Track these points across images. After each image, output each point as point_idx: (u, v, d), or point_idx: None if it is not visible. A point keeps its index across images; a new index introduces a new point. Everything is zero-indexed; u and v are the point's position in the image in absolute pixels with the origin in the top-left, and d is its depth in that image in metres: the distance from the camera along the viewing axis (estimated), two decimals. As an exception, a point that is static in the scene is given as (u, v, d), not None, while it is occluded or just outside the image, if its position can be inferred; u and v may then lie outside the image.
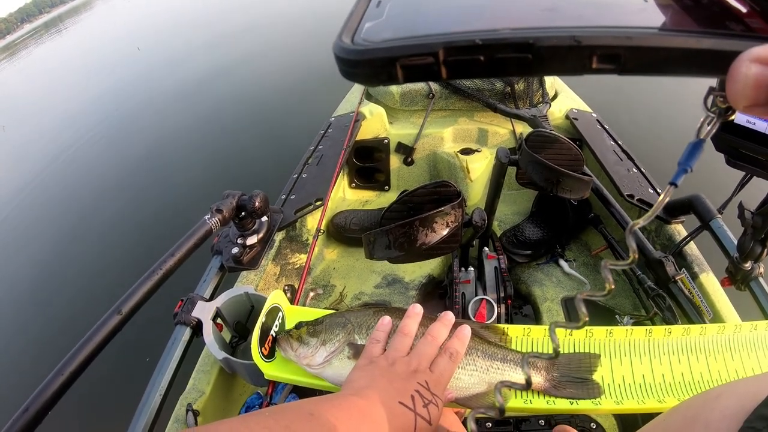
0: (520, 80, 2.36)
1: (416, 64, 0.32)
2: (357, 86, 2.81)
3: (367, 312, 1.03)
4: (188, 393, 1.31)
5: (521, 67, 0.31)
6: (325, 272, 2.08)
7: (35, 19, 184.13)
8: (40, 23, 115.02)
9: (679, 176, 0.36)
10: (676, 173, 0.35)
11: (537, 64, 0.31)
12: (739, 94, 0.28)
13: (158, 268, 1.22)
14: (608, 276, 0.42)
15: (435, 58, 0.31)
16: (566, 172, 1.32)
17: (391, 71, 0.33)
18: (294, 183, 2.01)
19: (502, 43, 0.30)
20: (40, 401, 0.95)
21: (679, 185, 0.36)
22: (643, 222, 0.39)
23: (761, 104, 0.27)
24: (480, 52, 0.31)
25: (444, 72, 0.32)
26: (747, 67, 0.27)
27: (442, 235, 1.16)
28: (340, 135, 2.28)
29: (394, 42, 0.33)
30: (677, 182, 0.36)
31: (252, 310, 1.40)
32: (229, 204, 1.40)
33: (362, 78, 0.35)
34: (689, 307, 1.41)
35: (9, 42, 63.96)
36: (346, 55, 0.33)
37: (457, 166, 2.31)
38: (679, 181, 0.36)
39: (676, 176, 0.36)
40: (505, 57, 0.31)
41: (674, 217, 1.71)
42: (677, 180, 0.36)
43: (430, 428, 0.75)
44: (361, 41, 0.34)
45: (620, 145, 2.08)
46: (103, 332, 1.08)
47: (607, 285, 0.43)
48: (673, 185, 0.36)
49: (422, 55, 0.32)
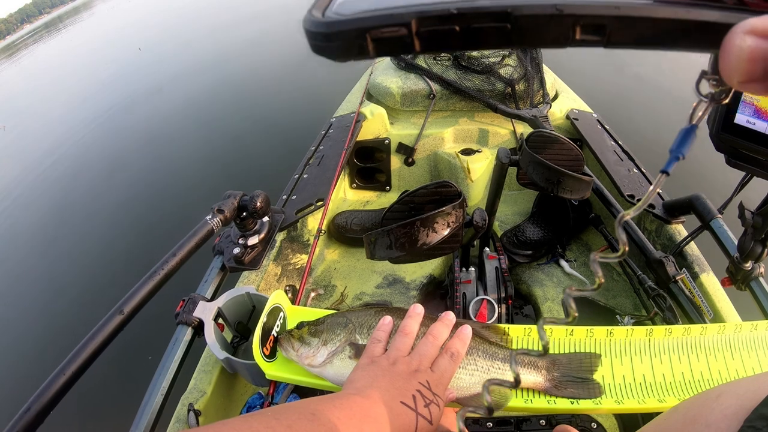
0: (521, 80, 2.36)
1: (389, 36, 0.31)
2: (358, 86, 2.82)
3: (368, 312, 1.04)
4: (190, 393, 1.31)
5: (500, 38, 0.30)
6: (326, 272, 2.09)
7: (35, 19, 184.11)
8: (40, 24, 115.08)
9: (670, 164, 0.34)
10: (668, 161, 0.34)
11: (516, 34, 0.29)
12: (733, 68, 0.27)
13: (160, 268, 1.22)
14: (597, 269, 0.41)
15: (408, 29, 0.30)
16: (567, 173, 1.32)
17: (362, 44, 0.31)
18: (295, 183, 2.02)
19: (478, 12, 0.29)
20: (42, 401, 0.95)
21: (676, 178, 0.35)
22: (634, 213, 0.38)
23: (757, 79, 0.26)
24: (455, 22, 0.29)
25: (417, 44, 0.31)
26: (741, 40, 0.26)
27: (443, 235, 1.16)
28: (341, 135, 2.28)
29: (365, 14, 0.31)
30: (669, 170, 0.34)
31: (253, 311, 1.40)
32: (231, 204, 1.41)
33: (333, 52, 0.33)
34: (690, 307, 1.41)
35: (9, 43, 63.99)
36: (316, 28, 0.32)
37: (458, 167, 2.32)
38: (670, 169, 0.34)
39: (668, 164, 0.34)
40: (482, 27, 0.29)
41: (675, 217, 1.72)
42: (669, 168, 0.34)
43: (431, 428, 0.76)
44: (332, 14, 0.32)
45: (621, 145, 2.09)
46: (105, 332, 1.08)
47: (597, 279, 0.42)
48: (665, 174, 0.35)
49: (395, 26, 0.30)
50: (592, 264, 0.42)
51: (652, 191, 0.35)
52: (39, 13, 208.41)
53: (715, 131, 0.92)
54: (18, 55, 30.97)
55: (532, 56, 2.52)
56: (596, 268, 0.41)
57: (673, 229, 1.73)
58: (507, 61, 2.51)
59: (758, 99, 0.85)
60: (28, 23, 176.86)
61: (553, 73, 2.69)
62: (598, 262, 0.42)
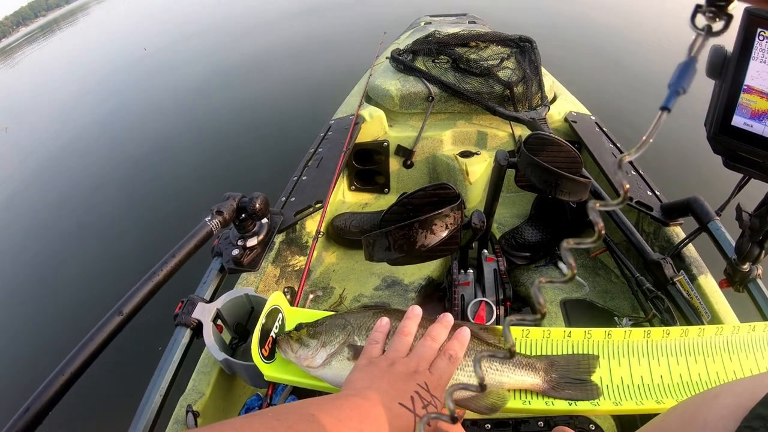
0: (519, 83, 2.37)
1: None
2: (357, 89, 2.82)
3: (366, 314, 1.04)
4: (188, 394, 1.31)
5: None
6: (325, 274, 2.09)
7: (31, 22, 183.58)
8: (35, 27, 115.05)
9: (670, 99, 0.34)
10: (668, 96, 0.34)
11: None
12: None
13: (159, 269, 1.22)
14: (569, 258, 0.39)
15: None
16: (565, 175, 1.32)
17: None
18: (294, 185, 2.02)
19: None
20: (42, 401, 0.96)
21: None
22: (634, 155, 0.37)
23: None
24: None
25: None
26: None
27: (441, 237, 1.17)
28: (339, 137, 2.28)
29: None
30: (669, 106, 0.34)
31: (252, 312, 1.40)
32: (230, 206, 1.41)
33: None
34: (687, 308, 1.42)
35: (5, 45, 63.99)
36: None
37: (457, 169, 2.32)
38: (671, 105, 0.34)
39: (668, 99, 0.34)
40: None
41: (672, 219, 1.72)
42: (669, 104, 0.34)
43: (429, 429, 0.76)
44: None
45: (619, 147, 2.10)
46: (104, 333, 1.08)
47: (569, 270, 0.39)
48: (666, 110, 0.34)
49: None
50: (563, 252, 0.41)
51: (652, 130, 0.34)
52: (35, 16, 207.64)
53: (712, 133, 0.93)
54: (15, 58, 30.96)
55: (530, 59, 2.53)
56: (567, 257, 0.40)
57: (671, 231, 1.74)
58: (505, 64, 2.51)
59: (755, 101, 0.86)
60: (23, 26, 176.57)
61: (551, 76, 2.70)
62: (569, 250, 0.40)
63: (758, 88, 0.86)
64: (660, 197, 1.81)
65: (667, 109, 0.34)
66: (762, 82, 0.85)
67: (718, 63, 0.91)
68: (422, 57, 2.69)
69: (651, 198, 1.81)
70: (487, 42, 2.74)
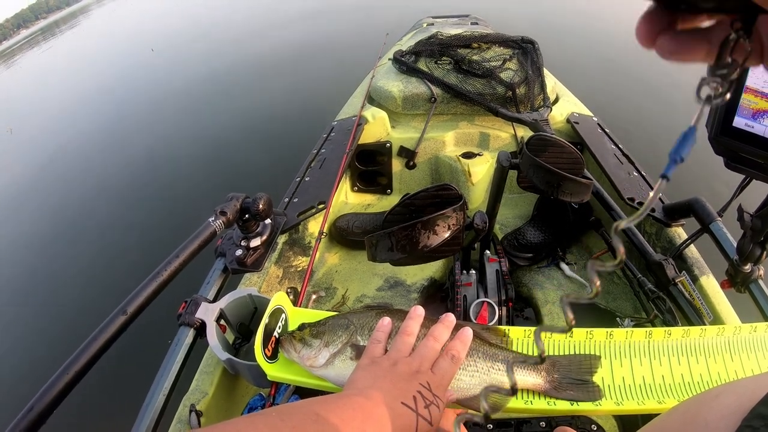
0: (521, 84, 2.37)
1: None
2: (360, 90, 2.83)
3: (369, 314, 1.05)
4: (191, 394, 1.32)
5: None
6: (328, 275, 2.09)
7: (32, 24, 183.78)
8: (36, 29, 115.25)
9: (670, 168, 0.34)
10: (668, 165, 0.34)
11: None
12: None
13: (163, 269, 1.22)
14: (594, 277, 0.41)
15: None
16: (567, 176, 1.33)
17: None
18: (297, 186, 2.02)
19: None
20: (45, 401, 0.96)
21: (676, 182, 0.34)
22: (631, 222, 0.37)
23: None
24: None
25: None
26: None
27: (443, 237, 1.17)
28: (342, 138, 2.29)
29: None
30: (669, 174, 0.34)
31: (255, 312, 1.41)
32: (233, 206, 1.41)
33: None
34: (689, 309, 1.42)
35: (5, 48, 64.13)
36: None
37: (459, 170, 2.32)
38: (670, 173, 0.34)
39: (668, 168, 0.34)
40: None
41: (674, 220, 1.73)
42: (669, 172, 0.34)
43: (431, 428, 0.77)
44: None
45: (621, 148, 2.10)
46: (108, 332, 1.08)
47: (594, 288, 0.41)
48: (665, 178, 0.34)
49: None
50: (590, 272, 0.42)
51: (652, 198, 0.35)
52: (35, 18, 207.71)
53: (713, 134, 0.93)
54: (17, 61, 31.00)
55: (532, 60, 2.53)
56: (593, 276, 0.40)
57: (673, 232, 1.74)
58: (508, 65, 2.51)
59: (756, 102, 0.86)
60: (24, 28, 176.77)
61: (553, 77, 2.70)
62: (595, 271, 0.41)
63: (759, 89, 0.86)
64: (662, 198, 1.82)
65: (666, 178, 0.34)
66: (763, 83, 0.86)
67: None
68: (425, 58, 2.70)
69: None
70: (490, 43, 2.74)
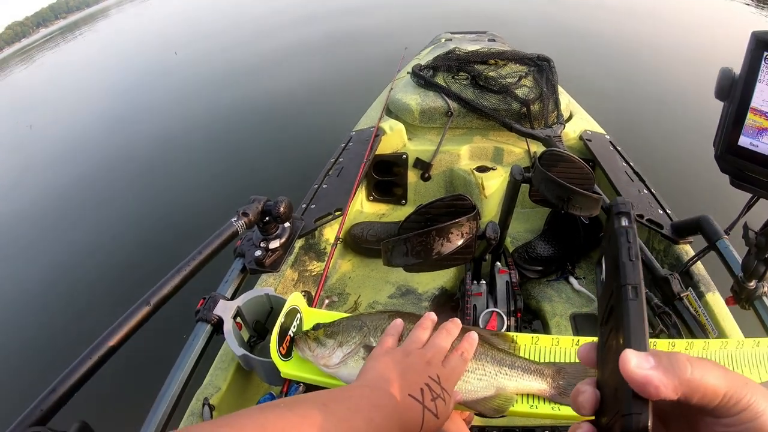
0: (536, 101, 2.41)
1: None
2: (378, 102, 2.88)
3: (382, 316, 1.08)
4: (205, 388, 1.35)
5: None
6: (341, 281, 2.13)
7: (51, 23, 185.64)
8: (56, 28, 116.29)
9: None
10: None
11: None
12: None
13: (186, 264, 1.27)
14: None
15: None
16: (577, 190, 1.35)
17: None
18: (314, 193, 2.07)
19: None
20: (68, 383, 1.00)
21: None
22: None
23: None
24: None
25: None
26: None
27: (456, 245, 1.21)
28: (360, 148, 2.33)
29: None
30: None
31: (271, 312, 1.44)
32: (255, 208, 1.46)
33: None
34: (694, 324, 1.44)
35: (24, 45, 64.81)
36: None
37: (473, 183, 2.36)
38: None
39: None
40: None
41: (682, 237, 1.76)
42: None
43: (437, 422, 0.78)
44: None
45: (632, 166, 2.13)
46: (132, 321, 1.13)
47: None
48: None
49: None
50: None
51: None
52: (55, 17, 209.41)
53: (719, 153, 0.96)
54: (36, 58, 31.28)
55: (548, 77, 2.56)
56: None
57: (680, 249, 1.77)
58: (523, 82, 2.56)
59: (761, 122, 0.90)
60: (44, 27, 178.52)
61: (567, 95, 2.74)
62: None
63: (764, 109, 0.89)
64: (671, 216, 1.85)
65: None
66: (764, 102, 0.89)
67: (725, 85, 0.94)
68: (442, 73, 2.75)
69: (662, 216, 1.85)
70: (506, 60, 2.79)
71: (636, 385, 0.37)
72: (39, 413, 0.94)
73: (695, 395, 0.38)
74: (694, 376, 0.37)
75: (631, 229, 0.49)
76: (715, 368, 0.39)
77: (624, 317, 0.43)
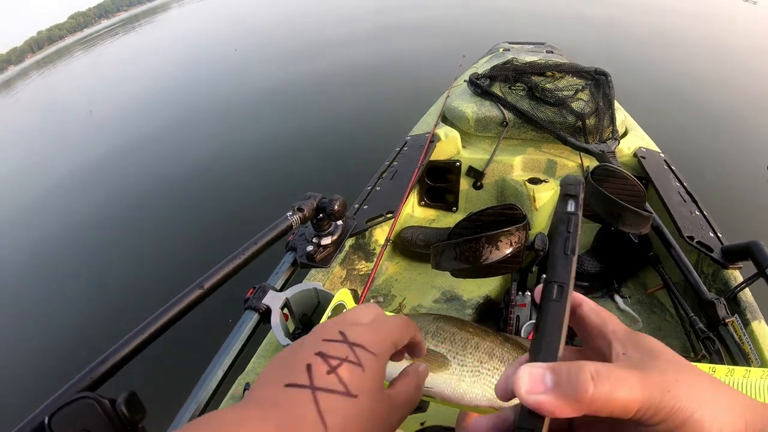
0: (591, 115, 2.41)
1: None
2: (434, 108, 2.91)
3: (427, 318, 1.09)
4: (247, 374, 1.41)
5: None
6: (387, 282, 2.17)
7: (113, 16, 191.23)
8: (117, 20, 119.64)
9: None
10: None
11: None
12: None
13: (241, 253, 1.32)
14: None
15: None
16: (627, 206, 1.36)
17: None
18: (368, 194, 2.12)
19: None
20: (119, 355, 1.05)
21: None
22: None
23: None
24: None
25: None
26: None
27: (505, 253, 1.23)
28: (414, 154, 2.37)
29: None
30: None
31: (318, 306, 1.48)
32: (311, 204, 1.50)
33: None
34: (737, 352, 1.42)
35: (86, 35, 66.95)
36: None
37: (524, 194, 2.38)
38: None
39: None
40: None
41: (732, 262, 1.73)
42: None
43: (359, 402, 0.43)
44: None
45: (685, 186, 2.11)
46: (183, 303, 1.18)
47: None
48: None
49: None
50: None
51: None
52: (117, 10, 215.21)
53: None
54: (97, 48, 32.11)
55: (604, 92, 2.55)
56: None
57: (729, 274, 1.75)
58: (580, 96, 2.56)
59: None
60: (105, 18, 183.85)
61: (623, 110, 2.72)
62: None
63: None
64: (721, 239, 1.83)
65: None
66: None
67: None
68: (499, 83, 2.77)
69: (712, 239, 1.82)
70: (563, 72, 2.79)
71: (530, 407, 0.35)
72: (89, 380, 0.97)
73: (602, 411, 0.35)
74: (598, 395, 0.34)
75: (575, 216, 0.42)
76: (631, 378, 0.35)
77: (540, 320, 0.39)
